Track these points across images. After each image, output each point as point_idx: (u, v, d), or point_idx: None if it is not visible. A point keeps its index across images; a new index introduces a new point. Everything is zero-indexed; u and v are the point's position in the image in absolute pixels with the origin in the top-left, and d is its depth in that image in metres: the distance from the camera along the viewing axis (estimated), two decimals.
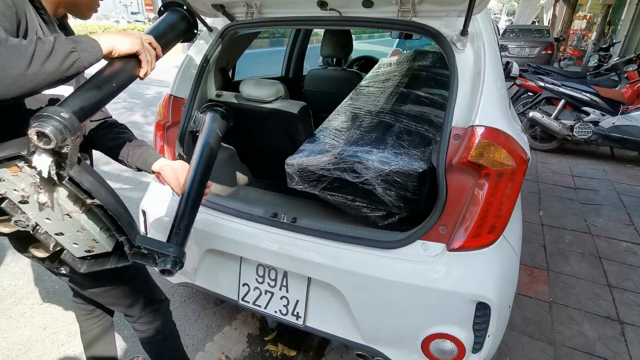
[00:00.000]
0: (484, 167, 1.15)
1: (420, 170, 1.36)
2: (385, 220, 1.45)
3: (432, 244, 1.25)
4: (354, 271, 1.28)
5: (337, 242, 1.33)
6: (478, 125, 1.16)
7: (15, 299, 2.12)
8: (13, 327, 1.94)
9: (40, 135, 0.64)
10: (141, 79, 0.89)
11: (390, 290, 1.25)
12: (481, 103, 1.17)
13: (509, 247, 1.28)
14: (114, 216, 0.80)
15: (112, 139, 1.15)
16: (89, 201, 0.77)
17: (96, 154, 1.17)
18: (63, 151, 0.68)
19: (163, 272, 0.89)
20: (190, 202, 1.06)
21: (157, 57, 0.92)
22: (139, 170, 1.16)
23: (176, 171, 1.13)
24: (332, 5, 1.42)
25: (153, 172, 1.15)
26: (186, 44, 1.37)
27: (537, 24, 16.77)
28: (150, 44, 0.89)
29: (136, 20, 15.16)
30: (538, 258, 2.59)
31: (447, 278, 1.20)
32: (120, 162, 1.17)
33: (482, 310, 1.19)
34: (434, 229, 1.24)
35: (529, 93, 4.89)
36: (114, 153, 1.16)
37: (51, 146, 0.65)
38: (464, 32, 1.24)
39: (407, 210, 1.43)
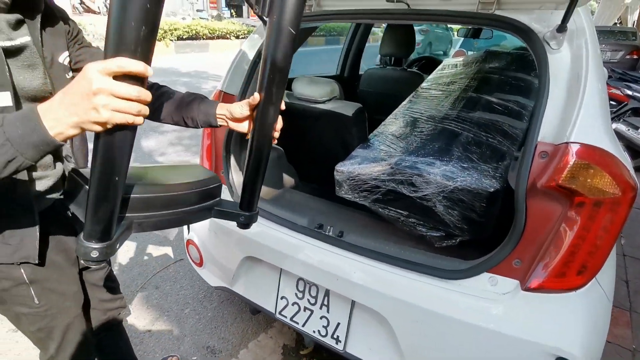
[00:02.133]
0: (578, 194, 0.94)
1: (492, 189, 1.17)
2: (443, 241, 1.28)
3: (503, 279, 1.05)
4: (406, 301, 1.12)
5: (388, 265, 1.17)
6: (573, 142, 0.94)
7: None
8: None
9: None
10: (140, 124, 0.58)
11: (447, 329, 1.07)
12: (580, 115, 0.95)
13: (601, 291, 1.05)
14: None
15: (153, 103, 0.91)
16: None
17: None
18: None
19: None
20: (255, 144, 0.84)
21: (144, 101, 0.53)
22: (203, 127, 0.97)
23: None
24: None
25: (220, 126, 0.96)
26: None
27: (618, 25, 15.16)
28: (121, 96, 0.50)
29: (200, 18, 15.80)
30: (619, 295, 2.23)
31: (520, 323, 1.00)
32: (176, 124, 0.98)
33: None
34: (506, 262, 1.04)
35: (612, 102, 4.35)
36: (160, 117, 0.97)
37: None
38: (561, 28, 1.02)
39: (471, 233, 1.25)
